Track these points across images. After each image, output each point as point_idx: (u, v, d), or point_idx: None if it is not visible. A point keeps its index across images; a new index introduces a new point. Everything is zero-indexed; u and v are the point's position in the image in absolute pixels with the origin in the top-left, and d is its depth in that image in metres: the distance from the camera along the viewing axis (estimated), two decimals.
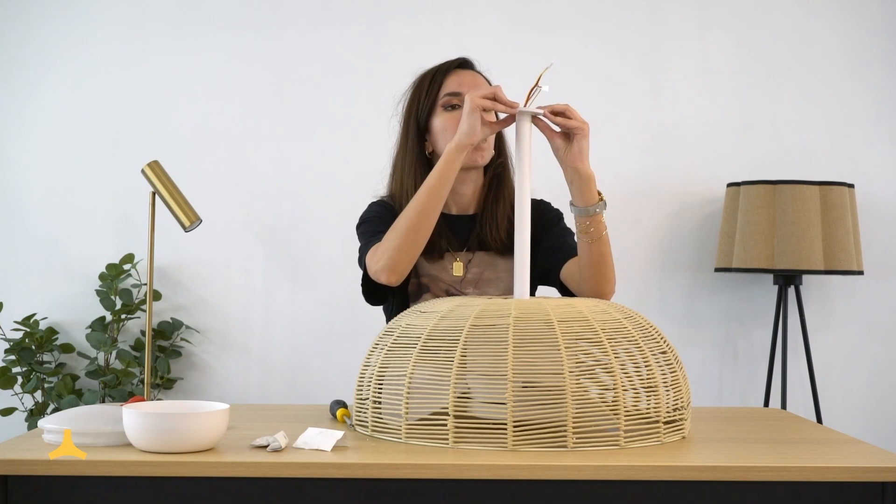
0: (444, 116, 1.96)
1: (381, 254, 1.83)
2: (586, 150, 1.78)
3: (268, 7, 3.27)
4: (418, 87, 2.00)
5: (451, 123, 1.94)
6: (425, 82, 1.99)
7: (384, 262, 1.82)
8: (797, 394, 3.26)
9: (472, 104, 1.75)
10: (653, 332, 1.57)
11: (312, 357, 3.25)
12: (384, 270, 1.82)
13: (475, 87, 1.95)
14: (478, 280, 1.98)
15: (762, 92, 3.29)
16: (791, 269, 2.94)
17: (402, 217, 1.83)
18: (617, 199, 3.26)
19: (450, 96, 1.95)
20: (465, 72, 1.99)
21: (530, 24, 3.27)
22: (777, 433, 1.64)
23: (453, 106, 1.96)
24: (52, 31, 3.27)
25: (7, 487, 1.36)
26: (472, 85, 1.96)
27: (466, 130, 1.77)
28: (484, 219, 2.00)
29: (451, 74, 1.98)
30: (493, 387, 1.44)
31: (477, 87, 1.95)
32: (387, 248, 1.83)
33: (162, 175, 2.83)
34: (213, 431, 1.42)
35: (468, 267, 1.98)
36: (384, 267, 1.82)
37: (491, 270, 1.99)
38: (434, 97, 1.97)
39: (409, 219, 1.81)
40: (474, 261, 1.99)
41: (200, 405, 1.50)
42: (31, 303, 3.24)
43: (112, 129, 3.27)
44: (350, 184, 3.21)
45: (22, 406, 3.15)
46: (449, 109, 1.96)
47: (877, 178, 3.28)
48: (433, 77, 1.98)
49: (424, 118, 1.98)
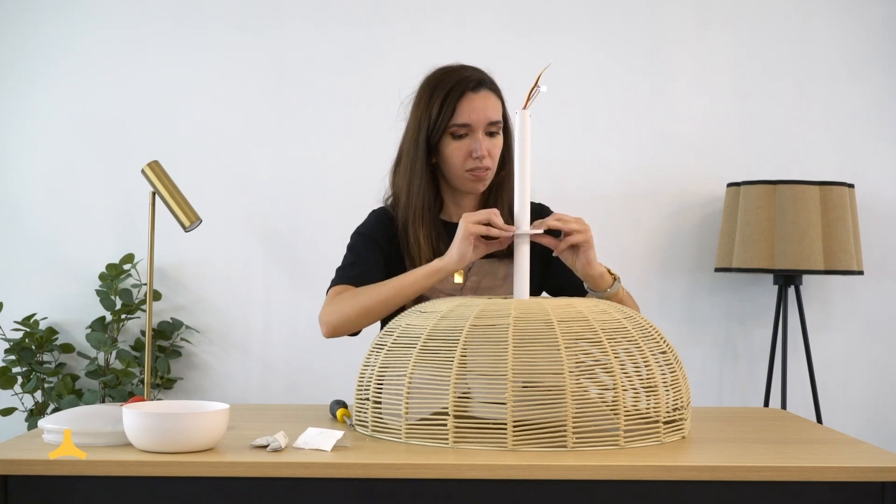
0: (453, 145, 1.95)
1: (331, 312, 1.90)
2: (593, 257, 1.83)
3: (268, 7, 3.27)
4: (431, 99, 1.96)
5: (458, 152, 1.95)
6: (437, 99, 1.95)
7: (329, 320, 1.90)
8: (797, 394, 3.26)
9: (465, 231, 1.77)
10: (653, 332, 1.57)
11: (312, 357, 3.25)
12: (326, 325, 1.90)
13: (485, 114, 1.94)
14: (477, 287, 2.00)
15: (762, 92, 3.29)
16: (791, 269, 2.94)
17: (365, 292, 1.88)
18: (617, 199, 3.27)
19: (459, 127, 1.94)
20: (478, 95, 1.95)
21: (530, 24, 3.27)
22: (777, 433, 1.64)
23: (461, 136, 1.95)
24: (52, 31, 3.27)
25: (7, 487, 1.37)
26: (482, 113, 1.94)
27: (456, 258, 1.80)
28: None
29: (463, 100, 1.94)
30: (493, 387, 1.44)
31: (486, 116, 1.94)
32: (338, 310, 1.89)
33: (162, 175, 2.83)
34: (213, 431, 1.42)
35: (468, 275, 2.00)
36: (327, 323, 1.90)
37: (490, 278, 2.01)
38: (446, 122, 1.94)
39: (369, 299, 1.87)
40: (474, 269, 2.00)
41: (200, 405, 1.50)
42: (31, 303, 3.25)
43: (112, 129, 3.27)
44: (350, 184, 3.21)
45: (22, 406, 3.15)
46: (457, 139, 1.95)
47: (877, 178, 3.28)
48: (446, 97, 1.95)
49: (435, 139, 1.96)
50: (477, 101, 1.95)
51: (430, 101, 1.96)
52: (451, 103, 1.94)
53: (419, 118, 1.97)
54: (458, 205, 2.04)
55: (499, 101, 1.99)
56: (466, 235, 1.77)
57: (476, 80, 1.96)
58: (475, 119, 1.93)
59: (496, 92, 2.00)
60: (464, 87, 1.95)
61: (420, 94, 2.00)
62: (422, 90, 2.00)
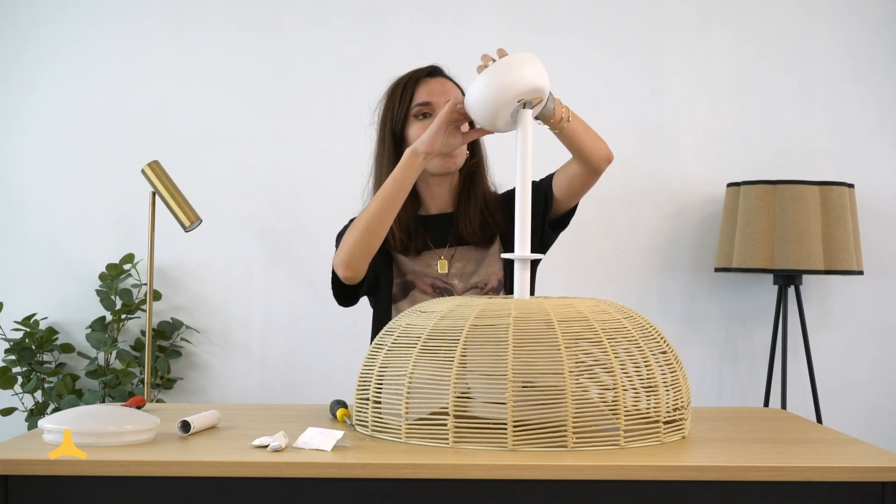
0: (417, 126, 2.03)
1: (339, 252, 1.95)
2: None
3: (268, 7, 3.27)
4: (391, 96, 2.08)
5: (423, 131, 1.99)
6: (397, 92, 2.06)
7: (340, 258, 1.93)
8: (797, 394, 3.26)
9: (440, 118, 1.85)
10: (653, 332, 1.57)
11: (312, 357, 3.25)
12: (340, 265, 1.93)
13: (444, 94, 2.03)
14: (461, 273, 2.07)
15: (762, 92, 3.29)
16: (791, 269, 2.94)
17: (360, 217, 1.93)
18: (617, 199, 3.26)
19: (420, 106, 2.03)
20: (434, 80, 2.06)
21: (530, 23, 3.27)
22: (777, 433, 1.64)
23: (425, 115, 2.03)
24: (52, 30, 3.27)
25: (7, 487, 1.36)
26: (442, 93, 2.03)
27: (425, 139, 1.87)
28: (459, 216, 2.09)
29: (421, 84, 2.05)
30: (493, 387, 1.44)
31: (446, 95, 2.02)
32: (343, 245, 1.94)
33: (162, 175, 2.84)
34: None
35: (451, 263, 2.07)
36: (340, 262, 1.93)
37: (472, 264, 2.08)
38: (406, 107, 2.04)
39: (365, 219, 1.91)
40: (457, 255, 2.08)
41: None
42: (31, 303, 3.24)
43: (112, 129, 3.27)
44: (350, 184, 3.19)
45: (22, 406, 3.15)
46: (421, 118, 2.03)
47: (877, 178, 3.28)
48: (404, 86, 2.06)
49: (399, 128, 2.05)
50: (434, 84, 2.05)
51: (391, 96, 2.08)
52: (409, 89, 2.05)
53: (383, 117, 2.08)
54: (433, 195, 2.11)
55: (457, 88, 2.08)
56: (441, 122, 1.85)
57: (431, 69, 2.08)
58: (435, 97, 2.02)
59: (454, 81, 2.09)
60: (419, 74, 2.07)
61: (382, 99, 2.11)
62: (383, 95, 2.11)
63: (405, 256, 2.07)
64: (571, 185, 2.02)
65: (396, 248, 2.06)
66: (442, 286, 2.05)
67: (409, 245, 2.06)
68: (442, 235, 2.09)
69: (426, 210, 2.12)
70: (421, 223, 2.09)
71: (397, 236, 2.05)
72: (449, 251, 2.08)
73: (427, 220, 2.10)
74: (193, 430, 1.54)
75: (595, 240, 3.25)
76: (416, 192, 2.10)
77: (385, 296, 2.07)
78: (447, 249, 2.08)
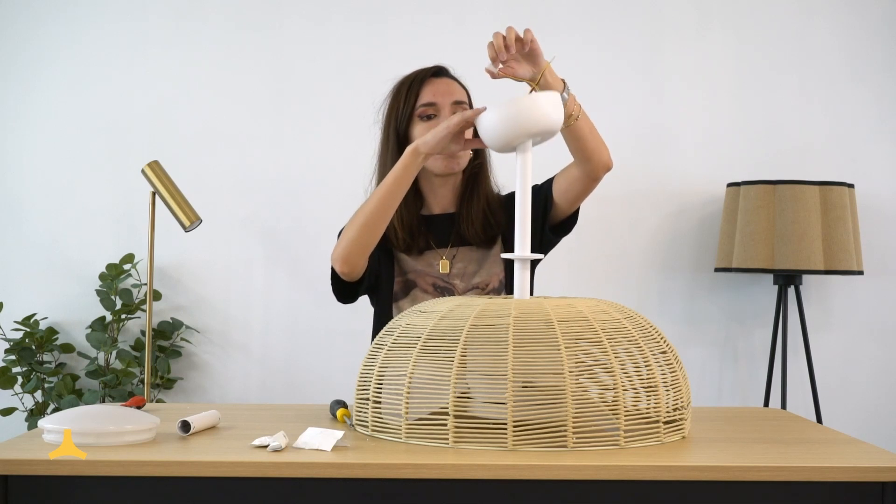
0: (421, 127, 2.03)
1: (337, 245, 1.95)
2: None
3: (268, 7, 3.27)
4: (396, 95, 2.07)
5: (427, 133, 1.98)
6: (402, 91, 2.06)
7: (338, 253, 1.93)
8: (797, 394, 3.26)
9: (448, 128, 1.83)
10: (653, 332, 1.57)
11: (312, 357, 3.25)
12: (337, 260, 1.93)
13: (449, 95, 2.03)
14: (463, 273, 2.07)
15: (762, 92, 3.29)
16: (791, 269, 2.94)
17: (359, 212, 1.92)
18: (617, 199, 3.26)
19: (425, 107, 2.03)
20: (439, 80, 2.06)
21: (530, 23, 3.26)
22: (777, 433, 1.64)
23: (429, 116, 2.02)
24: (52, 31, 3.27)
25: (7, 487, 1.36)
26: (447, 94, 2.03)
27: (429, 141, 1.86)
28: (461, 216, 2.09)
29: (426, 84, 2.04)
30: (493, 387, 1.44)
31: (451, 95, 2.03)
32: (341, 240, 1.94)
33: (162, 175, 2.84)
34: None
35: (453, 263, 2.07)
36: (338, 257, 1.93)
37: (474, 264, 2.08)
38: (411, 106, 2.03)
39: (363, 215, 1.90)
40: (458, 256, 2.08)
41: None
42: (31, 303, 3.24)
43: (112, 128, 3.27)
44: (350, 183, 3.19)
45: (22, 406, 3.15)
46: (425, 119, 2.03)
47: (877, 178, 3.28)
48: (409, 86, 2.05)
49: (403, 128, 2.05)
50: (439, 84, 2.04)
51: (396, 95, 2.07)
52: (415, 89, 2.04)
53: (388, 116, 2.07)
54: (436, 195, 2.11)
55: (463, 89, 2.08)
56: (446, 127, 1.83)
57: (436, 69, 2.07)
58: (440, 98, 2.02)
59: (459, 81, 2.09)
60: (425, 74, 2.06)
61: (387, 98, 2.10)
62: (388, 94, 2.10)
63: (407, 255, 2.08)
64: (570, 190, 2.02)
65: (399, 247, 2.06)
66: (443, 286, 2.06)
67: (412, 244, 2.06)
68: (444, 235, 2.10)
69: (429, 210, 2.12)
70: (423, 223, 2.09)
71: (400, 235, 2.05)
72: (451, 251, 2.09)
73: (430, 219, 2.11)
74: (193, 430, 1.54)
75: (595, 240, 3.25)
76: (420, 192, 2.10)
77: (386, 294, 2.07)
78: (449, 249, 2.09)
